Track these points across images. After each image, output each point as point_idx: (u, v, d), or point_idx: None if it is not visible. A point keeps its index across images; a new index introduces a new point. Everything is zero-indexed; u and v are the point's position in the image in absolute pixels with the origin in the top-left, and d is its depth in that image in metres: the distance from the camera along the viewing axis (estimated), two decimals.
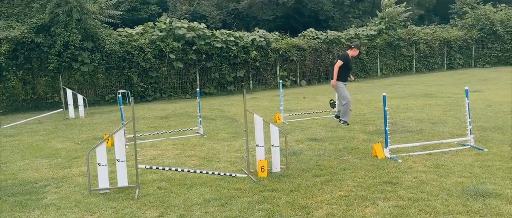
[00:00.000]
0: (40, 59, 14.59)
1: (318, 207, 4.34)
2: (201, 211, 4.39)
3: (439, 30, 24.11)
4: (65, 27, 14.35)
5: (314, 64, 19.62)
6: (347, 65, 8.61)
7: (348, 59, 8.62)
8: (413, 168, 5.50)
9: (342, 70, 8.57)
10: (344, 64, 8.54)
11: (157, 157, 6.85)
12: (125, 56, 15.51)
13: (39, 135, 9.43)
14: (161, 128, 9.52)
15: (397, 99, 12.09)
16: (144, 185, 5.30)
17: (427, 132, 7.68)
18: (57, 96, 14.78)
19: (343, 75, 8.62)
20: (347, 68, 8.64)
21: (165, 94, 16.36)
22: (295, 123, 9.35)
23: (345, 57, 8.61)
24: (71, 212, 4.54)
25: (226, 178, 5.45)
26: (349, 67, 8.68)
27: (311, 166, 5.79)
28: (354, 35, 20.74)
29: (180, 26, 16.38)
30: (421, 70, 22.54)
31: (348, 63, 8.61)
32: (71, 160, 6.88)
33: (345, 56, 8.64)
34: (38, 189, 5.40)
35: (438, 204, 4.26)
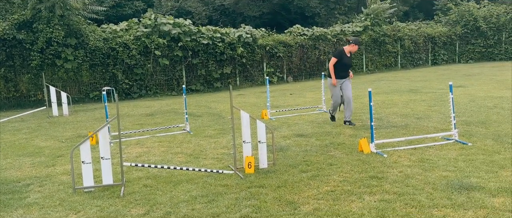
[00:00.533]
0: (22, 56, 14.32)
1: (305, 202, 4.35)
2: (187, 208, 4.36)
3: (423, 26, 24.37)
4: (47, 24, 14.10)
5: (300, 60, 19.66)
6: (341, 61, 8.03)
7: (342, 55, 8.03)
8: (398, 162, 5.55)
9: (338, 67, 8.04)
10: (338, 61, 8.00)
11: (143, 154, 6.78)
12: (110, 53, 15.31)
13: (21, 133, 9.25)
14: (147, 125, 9.44)
15: (382, 95, 12.19)
16: (129, 183, 5.24)
17: (412, 126, 7.76)
18: (40, 94, 14.53)
19: (338, 72, 8.07)
20: (342, 65, 8.05)
21: (150, 91, 16.22)
22: (282, 119, 9.36)
23: (338, 53, 8.09)
24: (55, 211, 4.47)
25: (213, 174, 5.42)
26: (344, 64, 8.07)
27: (298, 162, 5.79)
28: (340, 31, 20.83)
29: (165, 22, 16.23)
30: (406, 66, 22.78)
31: (342, 60, 8.02)
32: (54, 158, 6.77)
33: (338, 52, 8.14)
34: (21, 188, 5.30)
35: (423, 197, 4.30)
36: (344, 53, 8.08)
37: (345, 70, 8.15)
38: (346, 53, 8.10)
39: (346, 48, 8.14)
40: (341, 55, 8.05)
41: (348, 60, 8.16)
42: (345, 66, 8.12)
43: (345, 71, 8.16)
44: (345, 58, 8.08)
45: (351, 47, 8.11)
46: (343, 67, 8.11)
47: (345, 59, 8.10)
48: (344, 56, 8.06)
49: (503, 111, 8.81)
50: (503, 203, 4.08)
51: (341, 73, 8.11)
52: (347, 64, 8.15)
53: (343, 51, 8.11)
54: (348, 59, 8.18)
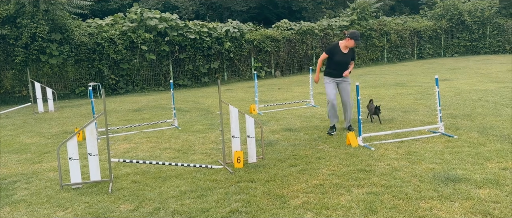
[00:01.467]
0: (6, 52, 14.05)
1: (294, 196, 4.38)
2: (177, 204, 4.35)
3: (409, 20, 24.58)
4: (31, 18, 13.85)
5: (288, 55, 19.68)
6: (333, 59, 6.95)
7: (333, 51, 6.94)
8: (385, 155, 5.61)
9: (329, 64, 7.07)
10: (329, 58, 7.01)
11: (131, 150, 6.74)
12: (95, 48, 15.12)
13: (7, 130, 9.11)
14: (134, 121, 9.37)
15: (369, 89, 12.29)
16: (117, 179, 5.21)
17: (399, 120, 7.85)
18: (24, 90, 14.30)
19: (330, 70, 7.06)
20: (334, 62, 6.96)
21: (137, 86, 16.08)
22: (270, 113, 9.37)
23: (330, 48, 7.03)
24: (43, 208, 4.42)
25: (202, 169, 5.42)
26: (336, 61, 6.93)
27: (286, 156, 5.82)
28: (327, 26, 20.90)
29: (151, 16, 16.08)
30: (392, 60, 22.97)
31: (333, 56, 6.94)
32: (41, 155, 6.68)
33: (330, 47, 7.06)
34: (7, 185, 5.22)
35: (410, 190, 4.36)
36: (337, 49, 6.94)
37: (337, 69, 6.97)
38: (342, 49, 6.93)
39: (341, 44, 6.96)
40: (332, 52, 6.96)
41: (341, 57, 6.91)
42: (337, 65, 6.95)
43: (338, 70, 6.97)
44: (337, 55, 6.91)
45: (347, 42, 6.88)
46: (334, 65, 6.98)
47: (338, 56, 6.91)
48: (336, 53, 6.92)
49: (488, 103, 8.96)
50: (489, 194, 4.16)
51: (332, 71, 7.04)
52: (339, 62, 6.93)
53: (336, 47, 6.97)
54: (342, 56, 6.91)
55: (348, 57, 6.97)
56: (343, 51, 6.94)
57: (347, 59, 6.97)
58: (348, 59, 6.98)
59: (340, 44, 6.98)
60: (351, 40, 6.85)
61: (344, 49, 6.94)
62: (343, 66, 6.96)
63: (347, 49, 6.95)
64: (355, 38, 6.85)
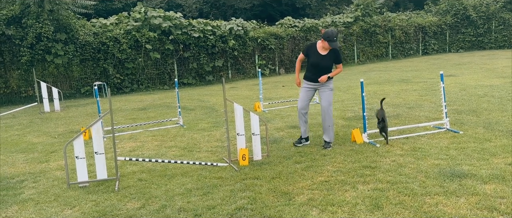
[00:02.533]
0: (12, 52, 14.16)
1: (300, 192, 4.39)
2: (183, 201, 4.38)
3: (414, 16, 24.49)
4: (36, 19, 13.94)
5: (292, 52, 19.66)
6: (308, 59, 6.10)
7: (308, 51, 6.07)
8: (391, 152, 5.61)
9: (307, 65, 6.18)
10: (307, 59, 6.15)
11: (137, 148, 6.78)
12: (100, 47, 15.19)
13: (14, 129, 9.18)
14: (140, 119, 9.41)
15: (374, 85, 12.26)
16: (124, 177, 5.24)
17: (404, 116, 7.83)
18: (31, 90, 14.41)
19: (306, 72, 6.17)
20: (309, 63, 6.10)
21: (142, 85, 16.14)
22: (275, 111, 9.38)
23: (306, 47, 6.18)
24: (50, 207, 4.46)
25: (207, 167, 5.44)
26: (312, 63, 6.04)
27: (291, 153, 5.83)
28: (331, 22, 20.85)
29: (155, 15, 16.13)
30: (397, 56, 22.89)
31: (308, 57, 6.08)
32: (48, 154, 6.74)
33: (306, 46, 6.21)
34: (15, 184, 5.28)
35: (416, 186, 4.36)
36: (313, 49, 6.06)
37: (313, 72, 6.06)
38: (319, 49, 6.00)
39: (319, 44, 6.03)
40: (307, 52, 6.09)
41: (317, 59, 5.98)
42: (312, 67, 6.05)
43: (314, 73, 6.04)
44: (313, 56, 6.02)
45: (322, 43, 5.93)
46: (310, 68, 6.09)
47: (313, 57, 6.01)
48: (311, 54, 6.04)
49: (493, 99, 8.91)
50: (495, 189, 4.16)
51: (308, 75, 6.13)
52: (314, 64, 6.00)
53: (312, 47, 6.09)
54: (318, 58, 5.97)
55: (327, 60, 5.96)
56: (320, 52, 5.97)
57: (325, 62, 5.96)
58: (327, 62, 5.97)
59: (317, 44, 6.05)
60: (325, 42, 5.85)
61: (322, 50, 5.97)
62: (320, 69, 5.98)
63: (325, 51, 5.96)
64: (328, 39, 5.80)
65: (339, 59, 6.09)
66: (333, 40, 5.80)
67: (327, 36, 5.82)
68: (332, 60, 6.01)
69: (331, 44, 5.83)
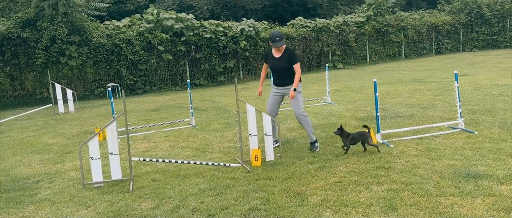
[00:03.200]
0: (27, 55, 14.38)
1: (313, 193, 4.38)
2: (196, 201, 4.40)
3: (427, 15, 24.23)
4: (51, 21, 14.14)
5: (303, 52, 19.62)
6: (269, 65, 6.14)
7: (267, 57, 6.15)
8: (405, 152, 5.56)
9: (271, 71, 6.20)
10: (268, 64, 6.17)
11: (150, 149, 6.83)
12: (113, 49, 15.35)
13: (29, 130, 9.33)
14: (153, 120, 9.48)
15: (387, 85, 12.17)
16: (138, 178, 5.29)
17: (418, 116, 7.76)
18: (45, 92, 14.61)
19: (272, 77, 6.23)
20: (270, 68, 6.15)
21: (155, 86, 16.26)
22: (287, 111, 9.37)
23: (264, 55, 6.25)
24: (66, 207, 4.52)
25: (220, 168, 5.46)
26: (270, 67, 6.11)
27: (304, 154, 5.82)
28: (343, 22, 20.75)
29: (168, 17, 16.23)
30: (410, 55, 22.68)
31: (268, 63, 6.14)
32: (63, 154, 6.83)
33: (264, 54, 6.31)
34: (31, 184, 5.36)
35: (431, 186, 4.32)
36: (270, 53, 6.12)
37: (275, 76, 6.10)
38: (274, 53, 6.05)
39: (273, 48, 6.07)
40: (266, 58, 6.17)
41: (273, 62, 6.01)
42: (273, 71, 6.10)
43: (276, 77, 6.08)
44: (270, 60, 6.08)
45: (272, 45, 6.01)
46: (272, 72, 6.14)
47: (270, 61, 6.07)
48: (269, 59, 6.09)
49: (508, 98, 8.78)
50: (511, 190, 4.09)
51: (274, 79, 6.17)
52: (273, 68, 6.05)
53: (269, 52, 6.15)
54: (274, 61, 6.00)
55: (281, 62, 5.92)
56: (275, 56, 6.01)
57: (279, 64, 5.94)
58: (282, 63, 5.92)
59: (273, 48, 6.09)
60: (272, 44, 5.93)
61: (276, 53, 6.01)
62: (278, 72, 6.00)
63: (279, 53, 5.97)
64: (271, 40, 5.91)
65: (293, 60, 5.93)
66: (275, 41, 5.85)
67: (271, 37, 5.90)
68: (287, 61, 5.92)
69: (273, 45, 5.91)
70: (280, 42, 5.85)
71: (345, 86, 12.92)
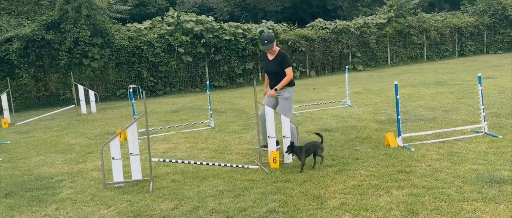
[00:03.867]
0: (51, 56, 14.73)
1: (332, 196, 4.34)
2: (215, 203, 4.42)
3: (449, 17, 23.79)
4: (74, 24, 14.45)
5: (323, 54, 19.52)
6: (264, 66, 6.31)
7: (263, 60, 6.28)
8: (426, 156, 5.46)
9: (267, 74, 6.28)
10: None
11: (170, 150, 6.90)
12: (135, 51, 15.58)
13: (52, 131, 9.54)
14: (172, 121, 9.58)
15: (408, 88, 11.99)
16: (157, 178, 5.35)
17: (440, 119, 7.61)
18: (68, 93, 14.94)
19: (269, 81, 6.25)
20: (265, 72, 6.27)
21: (174, 88, 16.43)
22: (305, 113, 9.33)
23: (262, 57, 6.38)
24: (87, 206, 4.60)
25: (239, 169, 5.47)
26: (266, 70, 6.25)
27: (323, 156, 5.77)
28: (363, 24, 20.56)
29: (188, 19, 16.39)
30: (432, 57, 22.30)
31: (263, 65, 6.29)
32: (85, 154, 6.96)
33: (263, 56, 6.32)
34: (53, 184, 5.48)
35: (453, 191, 4.23)
36: (265, 56, 6.19)
37: (270, 79, 6.16)
38: (268, 56, 6.10)
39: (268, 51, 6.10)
40: (263, 60, 6.34)
41: (267, 65, 6.11)
42: (267, 74, 6.21)
43: (271, 80, 6.14)
44: (264, 63, 6.24)
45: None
46: (267, 75, 6.24)
47: (264, 64, 6.21)
48: (264, 62, 6.23)
49: None
50: None
51: (270, 82, 6.21)
52: (266, 70, 6.19)
53: (265, 55, 6.20)
54: (268, 64, 6.08)
55: (273, 65, 5.97)
56: (269, 58, 6.06)
57: (271, 67, 5.99)
58: (274, 67, 5.97)
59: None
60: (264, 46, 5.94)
61: (270, 56, 6.06)
62: (271, 74, 6.07)
63: (272, 56, 6.01)
64: (261, 42, 5.92)
65: (285, 63, 5.93)
66: (264, 44, 5.88)
67: (261, 40, 5.93)
68: (278, 65, 5.95)
69: (263, 48, 5.94)
70: (269, 45, 5.88)
71: (365, 88, 12.78)
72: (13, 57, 13.99)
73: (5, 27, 14.08)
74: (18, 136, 9.23)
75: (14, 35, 13.89)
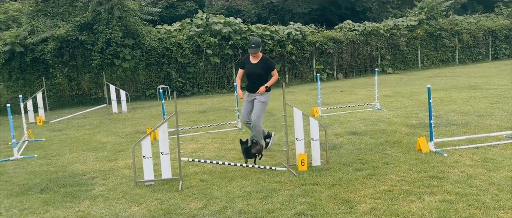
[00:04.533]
0: (84, 56, 15.15)
1: (362, 201, 4.28)
2: (243, 203, 4.44)
3: (483, 19, 23.06)
4: (107, 25, 14.81)
5: (351, 57, 19.30)
6: (245, 71, 6.45)
7: (244, 63, 6.45)
8: (459, 162, 5.32)
9: (246, 78, 6.52)
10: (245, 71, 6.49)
11: (198, 150, 6.97)
12: (164, 52, 15.84)
13: (85, 129, 9.81)
14: (200, 122, 9.68)
15: (440, 92, 11.70)
16: (186, 178, 5.42)
17: (473, 125, 7.40)
18: (100, 92, 15.32)
19: (247, 84, 6.48)
20: (247, 74, 6.46)
21: (202, 89, 16.60)
22: (333, 116, 9.25)
23: (242, 61, 6.53)
24: (119, 203, 4.71)
25: (266, 171, 5.47)
26: (246, 73, 6.43)
27: (352, 160, 5.71)
28: (393, 26, 20.21)
29: (216, 21, 16.53)
30: (464, 61, 21.68)
31: (245, 68, 6.43)
32: (116, 153, 7.12)
33: (243, 59, 6.55)
34: (86, 180, 5.63)
35: (488, 199, 4.10)
36: (247, 60, 6.43)
37: (249, 82, 6.41)
38: (251, 59, 6.37)
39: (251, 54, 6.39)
40: (243, 63, 6.48)
41: (250, 68, 6.34)
42: (248, 77, 6.44)
43: (250, 83, 6.39)
44: (247, 66, 6.39)
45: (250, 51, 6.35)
46: (247, 78, 6.47)
47: (247, 67, 6.39)
48: (246, 65, 6.41)
49: None
50: None
51: (248, 86, 6.46)
52: (248, 74, 6.39)
53: (247, 58, 6.45)
54: (251, 67, 6.33)
55: (257, 68, 6.25)
56: (252, 62, 6.32)
57: (256, 70, 6.27)
58: (258, 70, 6.25)
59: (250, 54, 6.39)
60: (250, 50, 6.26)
61: (253, 59, 6.32)
62: (253, 78, 6.32)
63: (256, 60, 6.29)
64: (248, 46, 6.29)
65: (272, 66, 6.39)
66: (251, 47, 6.20)
67: (249, 44, 6.29)
68: (263, 68, 6.29)
69: (251, 51, 6.23)
70: (256, 49, 6.21)
71: (395, 92, 12.55)
72: (48, 57, 14.46)
73: (41, 28, 14.57)
74: (52, 133, 9.53)
75: (50, 36, 14.36)
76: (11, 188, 5.47)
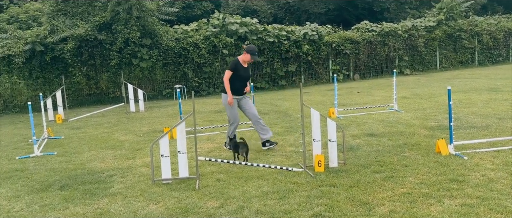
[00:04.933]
0: (102, 56, 15.35)
1: (380, 203, 4.24)
2: (259, 204, 4.44)
3: (503, 20, 22.61)
4: (125, 25, 14.99)
5: (368, 57, 19.13)
6: (237, 73, 6.66)
7: (237, 67, 6.66)
8: (480, 165, 5.22)
9: (233, 81, 6.67)
10: (234, 74, 6.64)
11: (214, 149, 7.00)
12: (181, 52, 15.95)
13: (103, 127, 9.94)
14: (216, 121, 9.71)
15: (459, 94, 11.51)
16: (203, 177, 5.44)
17: (494, 127, 7.26)
18: (118, 91, 15.51)
19: (235, 86, 6.70)
20: (238, 77, 6.68)
21: (218, 89, 16.63)
22: (350, 117, 9.18)
23: (233, 64, 6.68)
24: (137, 201, 4.76)
25: (283, 171, 5.46)
26: (240, 76, 6.69)
27: (369, 162, 5.66)
28: (411, 27, 19.96)
29: (233, 21, 16.58)
30: (484, 63, 21.28)
31: (237, 72, 6.66)
32: (134, 151, 7.20)
33: (233, 63, 6.72)
34: (105, 178, 5.70)
35: (510, 203, 4.02)
36: (239, 64, 6.70)
37: (242, 85, 6.77)
38: (242, 64, 6.72)
39: (240, 58, 6.76)
40: (236, 67, 6.65)
41: (244, 71, 6.73)
42: (241, 79, 6.73)
43: (242, 85, 6.77)
44: (241, 70, 6.69)
45: (244, 56, 6.70)
46: (239, 82, 6.73)
47: (242, 71, 6.70)
48: (240, 68, 6.68)
49: None
50: None
51: (239, 88, 6.74)
52: (243, 76, 6.74)
53: (238, 63, 6.71)
54: (245, 70, 6.74)
55: (248, 72, 6.88)
56: (244, 67, 6.77)
57: (248, 73, 6.86)
58: (248, 73, 6.90)
59: (239, 59, 6.76)
60: (247, 55, 6.65)
61: (244, 64, 6.77)
62: (245, 80, 6.81)
63: (246, 64, 6.79)
64: (251, 53, 6.64)
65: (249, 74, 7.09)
66: (255, 54, 6.65)
67: (251, 50, 6.66)
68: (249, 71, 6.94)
69: (253, 58, 6.64)
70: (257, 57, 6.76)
71: (413, 93, 12.40)
72: (68, 56, 14.70)
73: (61, 27, 14.82)
74: (71, 131, 9.69)
75: (69, 35, 14.60)
76: (32, 185, 5.57)
